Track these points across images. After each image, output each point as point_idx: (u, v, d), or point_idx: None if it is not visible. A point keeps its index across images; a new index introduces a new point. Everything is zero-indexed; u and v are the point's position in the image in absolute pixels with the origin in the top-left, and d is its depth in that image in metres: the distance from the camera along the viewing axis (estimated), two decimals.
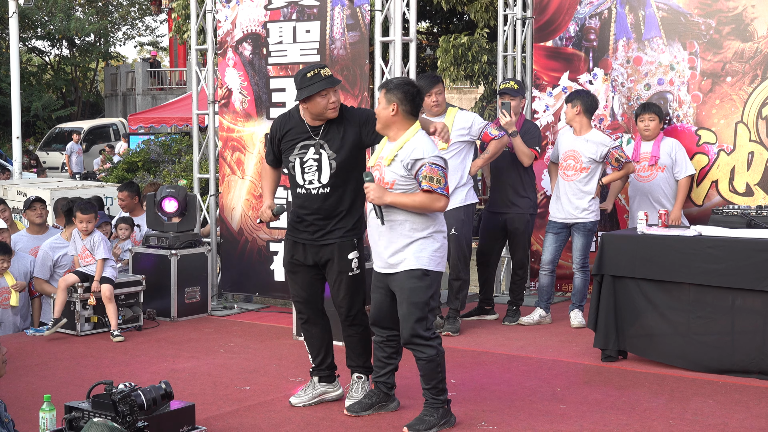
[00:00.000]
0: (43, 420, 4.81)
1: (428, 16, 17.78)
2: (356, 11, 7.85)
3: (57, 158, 26.02)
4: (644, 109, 7.80)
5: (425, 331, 5.04)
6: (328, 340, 5.66)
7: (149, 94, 32.28)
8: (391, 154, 5.05)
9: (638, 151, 7.81)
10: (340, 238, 5.45)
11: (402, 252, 5.05)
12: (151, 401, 4.61)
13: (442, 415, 5.08)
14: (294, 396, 5.66)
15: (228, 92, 8.65)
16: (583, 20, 8.79)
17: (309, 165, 5.42)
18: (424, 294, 5.04)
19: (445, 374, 5.12)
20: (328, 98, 5.31)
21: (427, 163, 4.95)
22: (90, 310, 7.59)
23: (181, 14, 17.96)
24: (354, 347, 5.60)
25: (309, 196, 5.44)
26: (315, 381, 5.65)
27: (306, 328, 5.66)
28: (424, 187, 4.96)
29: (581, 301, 7.72)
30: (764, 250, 5.97)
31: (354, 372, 5.62)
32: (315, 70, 5.32)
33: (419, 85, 5.20)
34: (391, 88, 5.07)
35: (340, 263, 5.45)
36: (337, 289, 5.48)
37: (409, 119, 5.09)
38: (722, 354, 6.17)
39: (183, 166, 13.82)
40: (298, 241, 5.53)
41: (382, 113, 5.10)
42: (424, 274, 5.04)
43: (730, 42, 8.00)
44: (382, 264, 5.17)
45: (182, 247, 8.23)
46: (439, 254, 5.10)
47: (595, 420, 5.28)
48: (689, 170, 7.71)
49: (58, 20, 32.46)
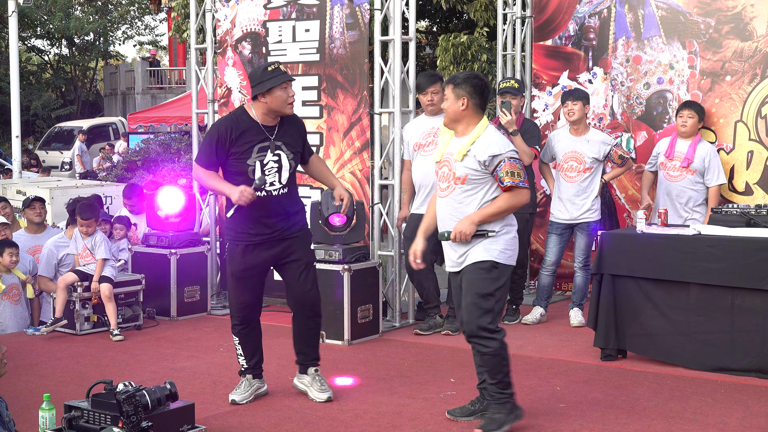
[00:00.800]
0: (42, 419, 4.81)
1: (428, 15, 17.78)
2: (356, 10, 7.85)
3: (56, 157, 26.00)
4: (685, 106, 7.68)
5: (490, 323, 4.95)
6: (260, 344, 5.76)
7: (149, 93, 32.27)
8: (463, 149, 4.99)
9: (673, 149, 7.64)
10: (301, 230, 5.55)
11: (473, 248, 4.97)
12: (156, 401, 4.60)
13: (509, 409, 5.00)
14: (234, 393, 5.65)
15: (227, 91, 8.65)
16: (583, 19, 8.79)
17: (270, 167, 5.41)
18: (491, 285, 4.94)
19: (510, 367, 5.01)
20: (288, 92, 5.39)
21: (506, 158, 4.91)
22: (90, 309, 7.59)
23: (181, 13, 17.96)
24: (311, 339, 5.67)
25: (270, 199, 5.43)
26: (249, 378, 5.70)
27: (246, 332, 5.66)
28: (507, 184, 4.90)
29: (581, 300, 7.72)
30: (763, 249, 5.98)
31: (310, 366, 5.66)
32: (274, 65, 5.41)
33: (485, 79, 5.15)
34: (459, 83, 5.03)
35: (307, 254, 5.55)
36: (304, 280, 5.52)
37: (478, 113, 5.06)
38: (722, 353, 6.18)
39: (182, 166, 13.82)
40: (252, 243, 5.47)
41: (451, 108, 5.05)
42: (493, 267, 4.96)
43: (729, 41, 8.01)
44: (453, 264, 5.10)
45: (182, 247, 8.24)
46: (510, 247, 5.02)
47: (595, 419, 5.28)
48: (721, 179, 7.57)
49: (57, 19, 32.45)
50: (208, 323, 8.05)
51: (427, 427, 5.16)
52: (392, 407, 5.51)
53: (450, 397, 5.70)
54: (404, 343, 7.22)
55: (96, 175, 20.10)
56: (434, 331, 7.47)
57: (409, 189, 7.64)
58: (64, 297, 7.52)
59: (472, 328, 4.96)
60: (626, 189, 8.61)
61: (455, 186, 5.03)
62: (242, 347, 5.68)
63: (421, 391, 5.84)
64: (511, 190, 4.94)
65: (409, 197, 7.66)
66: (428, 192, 7.46)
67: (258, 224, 5.45)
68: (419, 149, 7.49)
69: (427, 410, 5.44)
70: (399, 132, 7.66)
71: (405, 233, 7.63)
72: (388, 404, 5.56)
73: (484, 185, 4.98)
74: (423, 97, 7.45)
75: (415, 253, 5.20)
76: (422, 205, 7.51)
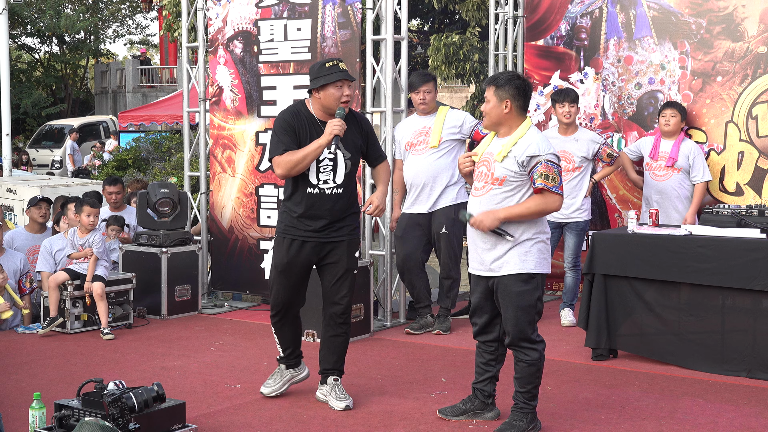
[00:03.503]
0: (32, 418, 4.79)
1: (420, 15, 17.79)
2: (347, 9, 7.84)
3: (47, 155, 25.91)
4: (667, 106, 7.71)
5: (532, 333, 4.95)
6: (299, 333, 5.73)
7: (139, 92, 32.17)
8: (504, 150, 4.88)
9: (657, 149, 7.68)
10: (349, 236, 5.45)
11: (506, 255, 4.90)
12: (143, 404, 4.59)
13: (530, 420, 4.98)
14: (264, 386, 5.68)
15: (219, 90, 8.63)
16: (575, 19, 8.80)
17: (325, 164, 5.32)
18: (531, 296, 4.92)
19: (541, 381, 5.02)
20: (342, 90, 5.28)
21: (543, 161, 4.79)
22: (80, 307, 7.57)
23: (172, 11, 17.93)
24: (336, 348, 5.53)
25: (322, 196, 5.34)
26: (282, 368, 5.69)
27: (280, 324, 5.62)
28: (538, 186, 4.79)
29: (572, 300, 7.74)
30: (754, 250, 5.99)
31: (330, 375, 5.54)
32: (334, 61, 5.30)
33: (526, 78, 5.04)
34: (502, 84, 4.90)
35: (349, 261, 5.44)
36: (339, 287, 5.44)
37: (521, 115, 4.94)
38: (712, 353, 6.19)
39: (173, 164, 13.80)
40: (298, 238, 5.41)
41: (493, 111, 4.92)
42: (531, 277, 4.91)
43: (720, 42, 8.02)
44: (482, 267, 5.00)
45: (173, 245, 8.22)
46: (543, 256, 4.95)
47: (586, 418, 5.29)
48: (706, 176, 7.59)
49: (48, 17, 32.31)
50: (199, 322, 8.04)
51: (418, 426, 5.16)
52: (383, 406, 5.50)
53: (441, 396, 5.70)
54: (395, 342, 7.22)
55: (88, 174, 20.05)
56: (425, 331, 7.47)
57: (401, 189, 7.64)
58: (57, 296, 7.50)
59: (515, 339, 4.96)
60: (617, 189, 8.62)
61: (492, 186, 4.92)
62: (278, 337, 5.67)
63: (412, 390, 5.84)
64: (542, 193, 4.83)
65: (400, 197, 7.66)
66: (419, 191, 7.46)
67: (306, 220, 5.37)
68: (410, 148, 7.49)
69: (418, 409, 5.44)
70: (391, 131, 7.65)
71: (396, 232, 7.64)
72: (379, 403, 5.56)
73: (522, 188, 4.87)
74: (415, 96, 7.46)
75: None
76: (414, 205, 7.52)
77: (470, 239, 5.08)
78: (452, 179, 7.39)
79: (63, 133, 26.51)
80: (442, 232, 7.44)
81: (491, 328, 5.15)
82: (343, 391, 5.51)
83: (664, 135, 7.68)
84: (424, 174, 7.39)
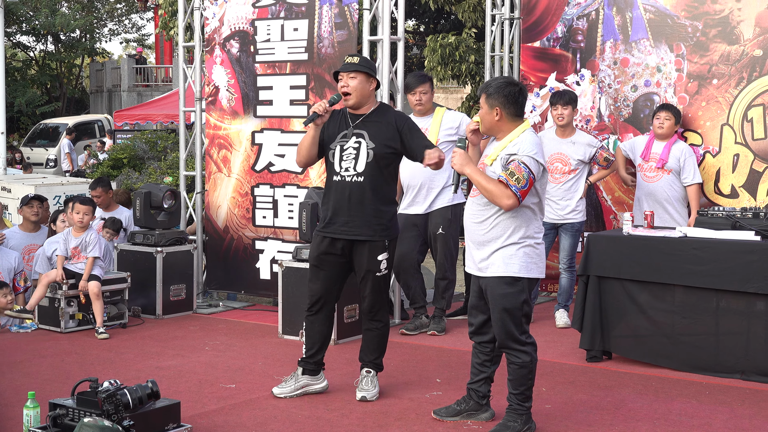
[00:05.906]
0: (27, 417, 4.78)
1: (416, 16, 17.80)
2: (344, 10, 7.85)
3: (41, 154, 25.87)
4: (662, 108, 7.71)
5: (521, 335, 4.96)
6: (326, 336, 5.76)
7: (135, 91, 32.13)
8: (494, 153, 4.93)
9: (649, 150, 7.68)
10: (371, 237, 5.53)
11: (493, 256, 4.93)
12: (137, 400, 4.59)
13: (524, 421, 4.99)
14: (277, 386, 5.71)
15: (215, 89, 8.63)
16: (571, 21, 8.81)
17: (348, 153, 5.54)
18: (516, 299, 4.93)
19: (534, 382, 5.03)
20: (344, 81, 5.56)
21: (517, 159, 4.80)
22: (75, 307, 7.56)
23: (168, 11, 17.90)
24: (370, 341, 5.72)
25: (343, 183, 5.53)
26: (298, 373, 5.72)
27: (311, 320, 5.73)
28: (500, 178, 4.79)
29: (567, 301, 7.74)
30: (748, 252, 6.01)
31: (364, 367, 5.71)
32: (354, 57, 5.63)
33: (519, 84, 5.02)
34: (491, 93, 4.91)
35: (369, 263, 5.56)
36: (363, 285, 5.63)
37: (514, 120, 4.93)
38: (706, 355, 6.21)
39: (169, 164, 13.80)
40: (328, 235, 5.59)
41: (486, 118, 4.96)
42: (515, 281, 4.92)
43: (716, 44, 8.04)
44: (473, 266, 5.07)
45: (168, 245, 8.22)
46: (531, 260, 4.93)
47: (580, 420, 5.30)
48: (696, 179, 7.59)
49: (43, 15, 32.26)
50: (194, 322, 8.03)
51: (413, 426, 5.16)
52: (378, 407, 5.51)
53: (436, 397, 5.70)
54: (390, 343, 7.15)
55: (83, 173, 20.03)
56: (420, 332, 7.47)
57: (398, 190, 7.63)
58: (42, 293, 7.49)
59: (503, 340, 5.00)
60: (612, 191, 8.64)
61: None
62: (306, 333, 5.76)
63: (407, 391, 5.85)
64: (503, 186, 4.80)
65: (398, 198, 7.65)
66: (416, 192, 7.46)
67: (332, 212, 5.56)
68: None
69: (413, 410, 5.44)
70: None
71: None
72: (374, 404, 5.56)
73: None
74: (411, 96, 7.46)
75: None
76: (410, 206, 7.52)
77: (466, 238, 5.11)
78: (449, 180, 7.39)
79: (57, 131, 26.44)
80: (438, 233, 7.44)
81: (486, 329, 5.16)
82: (369, 383, 5.65)
83: (658, 137, 7.69)
84: (420, 175, 7.39)
